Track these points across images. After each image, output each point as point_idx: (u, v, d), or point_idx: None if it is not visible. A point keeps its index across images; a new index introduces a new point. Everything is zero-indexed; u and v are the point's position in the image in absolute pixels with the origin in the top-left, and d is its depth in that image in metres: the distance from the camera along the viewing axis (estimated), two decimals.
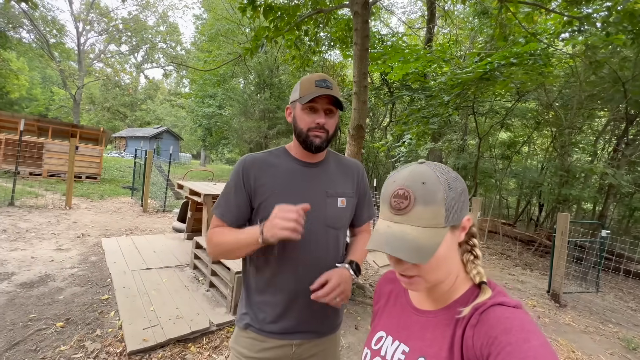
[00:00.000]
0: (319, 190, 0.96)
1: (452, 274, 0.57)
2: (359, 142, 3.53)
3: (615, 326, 3.64)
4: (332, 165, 1.03)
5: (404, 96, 9.04)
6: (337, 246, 0.99)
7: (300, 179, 0.96)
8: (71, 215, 5.73)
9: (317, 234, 0.94)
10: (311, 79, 0.92)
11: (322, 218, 0.95)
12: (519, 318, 0.47)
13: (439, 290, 0.58)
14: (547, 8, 3.63)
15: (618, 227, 9.86)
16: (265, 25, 3.43)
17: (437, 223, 0.51)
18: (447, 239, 0.52)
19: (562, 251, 4.10)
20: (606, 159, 7.87)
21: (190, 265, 3.62)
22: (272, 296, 0.95)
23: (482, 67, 4.33)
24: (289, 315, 0.94)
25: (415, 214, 0.51)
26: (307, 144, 0.93)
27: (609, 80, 6.36)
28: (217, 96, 17.91)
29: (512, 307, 0.50)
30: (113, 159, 18.58)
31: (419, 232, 0.51)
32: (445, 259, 0.53)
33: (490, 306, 0.51)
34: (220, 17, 16.73)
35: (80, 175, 9.64)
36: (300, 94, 0.93)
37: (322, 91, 0.89)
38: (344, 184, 1.01)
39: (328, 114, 0.94)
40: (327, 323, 1.00)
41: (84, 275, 3.21)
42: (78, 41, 26.24)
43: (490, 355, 0.45)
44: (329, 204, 0.96)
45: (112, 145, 31.24)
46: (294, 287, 0.93)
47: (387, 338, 0.64)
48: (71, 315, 2.44)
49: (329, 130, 0.94)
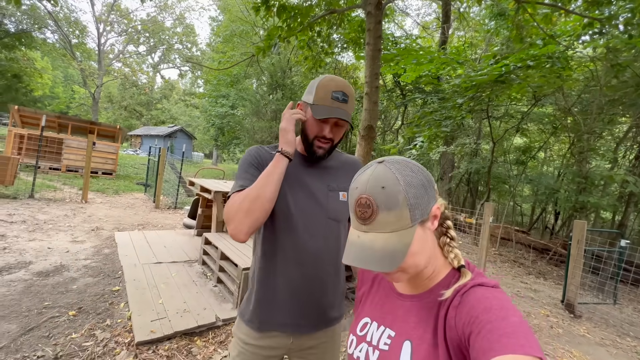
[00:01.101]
0: (322, 185, 0.98)
1: (432, 259, 0.58)
2: (370, 142, 3.52)
3: (633, 340, 3.49)
4: (334, 161, 1.05)
5: (416, 99, 8.96)
6: (337, 238, 1.00)
7: (305, 173, 0.98)
8: (87, 209, 5.91)
9: (318, 226, 0.95)
10: (328, 88, 0.90)
11: (325, 211, 0.96)
12: (497, 297, 0.49)
13: (421, 277, 0.59)
14: (566, 9, 3.53)
15: (639, 238, 9.47)
16: (279, 25, 3.46)
17: (403, 225, 0.51)
18: (417, 235, 0.53)
19: (578, 260, 3.96)
20: (627, 167, 7.57)
21: (199, 260, 3.67)
22: (273, 286, 0.96)
23: (497, 70, 4.25)
24: (288, 306, 0.95)
25: (380, 221, 0.52)
26: (311, 151, 0.96)
27: (632, 84, 6.13)
28: (230, 96, 18.17)
29: (491, 287, 0.52)
30: (128, 156, 19.08)
31: (387, 237, 0.51)
32: (422, 252, 0.54)
33: (470, 287, 0.52)
34: (235, 19, 17.01)
35: (97, 171, 9.93)
36: (314, 100, 0.91)
37: (336, 110, 0.89)
38: (344, 179, 1.02)
39: (337, 125, 0.94)
40: (327, 315, 1.00)
41: (96, 266, 3.29)
42: (99, 41, 27.15)
43: (472, 333, 0.47)
44: (331, 197, 0.98)
45: (127, 143, 32.09)
46: (296, 276, 0.94)
47: (372, 324, 0.65)
48: (83, 305, 2.51)
49: (335, 139, 0.96)
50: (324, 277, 0.97)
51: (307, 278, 0.94)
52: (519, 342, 0.42)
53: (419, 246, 0.54)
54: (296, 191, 0.94)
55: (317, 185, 0.98)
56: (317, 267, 0.95)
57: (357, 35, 5.54)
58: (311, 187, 0.97)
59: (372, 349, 0.61)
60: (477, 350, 0.44)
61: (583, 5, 3.54)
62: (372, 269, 0.51)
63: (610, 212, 8.85)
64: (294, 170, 0.97)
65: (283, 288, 0.95)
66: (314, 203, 0.95)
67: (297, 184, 0.96)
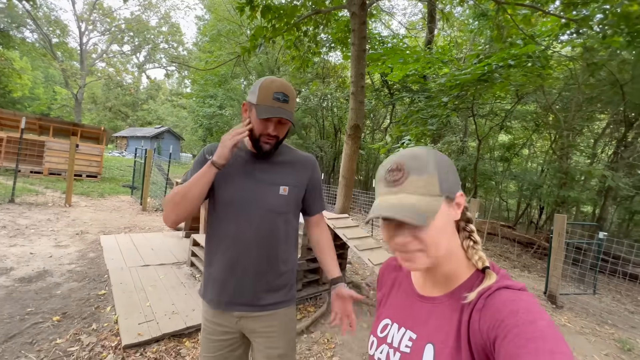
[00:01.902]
0: (265, 180, 1.06)
1: (453, 255, 0.57)
2: (356, 141, 3.56)
3: (611, 327, 3.64)
4: (284, 157, 1.12)
5: (404, 97, 9.07)
6: (277, 229, 1.07)
7: (250, 168, 1.07)
8: (71, 212, 5.76)
9: (254, 217, 1.03)
10: (270, 88, 0.97)
11: (263, 203, 1.04)
12: (524, 300, 0.47)
13: (441, 273, 0.58)
14: (544, 10, 3.65)
15: (618, 230, 9.84)
16: (264, 25, 3.46)
17: (432, 190, 0.52)
18: (443, 210, 0.52)
19: (559, 252, 4.10)
20: (605, 162, 7.87)
21: (188, 262, 3.64)
22: (214, 268, 1.06)
23: (480, 69, 4.35)
24: (227, 287, 1.04)
25: (410, 183, 0.52)
26: (257, 148, 1.04)
27: (607, 82, 6.37)
28: (218, 96, 17.97)
29: (517, 290, 0.50)
30: (114, 158, 18.65)
31: (416, 199, 0.51)
32: (444, 232, 0.53)
33: (495, 290, 0.50)
34: (221, 18, 16.82)
35: (81, 174, 9.68)
36: (257, 101, 0.97)
37: (277, 110, 0.96)
38: (290, 174, 1.10)
39: (280, 123, 1.01)
40: (267, 298, 1.07)
41: (81, 271, 3.23)
42: (80, 41, 26.41)
43: (497, 337, 0.45)
44: (270, 191, 1.05)
45: (113, 145, 31.36)
46: (230, 260, 1.03)
47: (392, 325, 0.64)
48: (68, 310, 2.46)
49: (280, 136, 1.04)
50: (257, 264, 1.04)
51: (240, 263, 1.03)
52: (548, 347, 0.40)
53: (443, 223, 0.52)
54: (241, 183, 1.04)
55: (261, 180, 1.06)
56: (250, 254, 1.03)
57: (344, 35, 5.57)
58: (256, 181, 1.05)
59: (392, 350, 0.60)
60: (503, 356, 0.42)
61: (560, 7, 3.67)
62: (400, 218, 0.49)
63: (590, 206, 9.18)
64: (241, 164, 1.06)
65: (220, 269, 1.05)
66: (254, 195, 1.04)
67: (244, 177, 1.05)
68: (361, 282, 3.91)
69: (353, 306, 1.16)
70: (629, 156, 6.59)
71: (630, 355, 2.98)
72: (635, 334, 3.55)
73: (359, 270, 4.43)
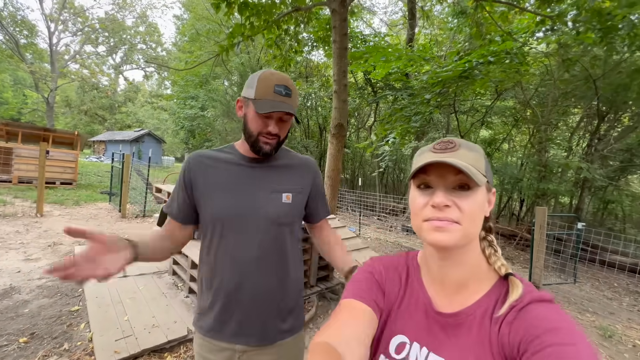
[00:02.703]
0: (265, 187, 0.93)
1: (475, 260, 0.53)
2: (341, 141, 3.50)
3: (592, 315, 3.75)
4: (282, 161, 0.99)
5: (387, 95, 9.12)
6: (284, 243, 0.93)
7: (246, 176, 0.93)
8: (42, 223, 5.44)
9: (258, 231, 0.90)
10: (270, 80, 0.85)
11: (265, 214, 0.90)
12: (565, 319, 0.44)
13: (461, 280, 0.54)
14: (520, 7, 3.71)
15: (593, 220, 10.26)
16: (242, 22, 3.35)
17: (479, 167, 0.51)
18: (483, 193, 0.51)
19: (541, 244, 4.20)
20: (580, 154, 8.17)
21: (169, 271, 3.49)
22: (214, 296, 0.92)
23: (461, 66, 4.39)
24: (229, 317, 0.90)
25: (461, 153, 0.51)
26: (256, 149, 0.90)
27: (581, 78, 6.60)
28: (200, 97, 17.57)
29: (551, 303, 0.47)
30: (91, 163, 17.89)
31: (468, 164, 0.49)
32: (481, 212, 0.51)
33: (528, 303, 0.47)
34: (200, 17, 16.44)
35: (54, 181, 9.20)
36: (255, 94, 0.85)
37: (279, 104, 0.84)
38: (291, 179, 0.97)
39: (281, 120, 0.89)
40: (274, 328, 0.93)
41: (52, 286, 3.03)
42: (50, 41, 25.21)
43: (527, 352, 0.42)
44: (273, 200, 0.92)
45: (90, 150, 30.14)
46: (235, 286, 0.89)
47: (412, 345, 0.55)
48: (36, 330, 2.28)
49: (281, 136, 0.91)
50: (265, 286, 0.90)
51: (245, 287, 0.89)
52: None
53: (482, 202, 0.51)
54: (237, 193, 0.91)
55: (259, 188, 0.92)
56: (256, 275, 0.89)
57: (326, 33, 5.51)
58: (252, 191, 0.92)
59: None
60: None
61: (536, 4, 3.74)
62: (463, 168, 0.47)
63: (568, 197, 9.53)
64: (234, 174, 0.93)
65: (221, 296, 0.90)
66: (253, 206, 0.90)
67: (240, 186, 0.91)
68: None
69: None
70: (603, 148, 6.86)
71: (612, 342, 3.06)
72: (614, 320, 3.67)
73: None
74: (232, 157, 0.95)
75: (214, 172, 0.92)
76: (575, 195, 8.38)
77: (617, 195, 8.63)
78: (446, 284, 0.55)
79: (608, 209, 9.92)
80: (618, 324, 3.53)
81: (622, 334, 3.25)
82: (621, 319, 3.75)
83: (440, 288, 0.56)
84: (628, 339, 3.17)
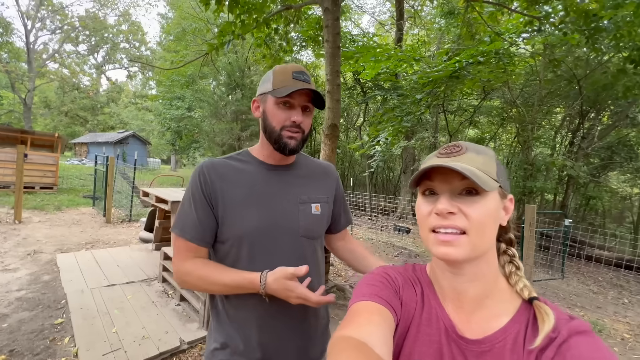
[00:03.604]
0: (291, 197, 0.84)
1: (494, 279, 0.49)
2: (334, 141, 3.46)
3: (581, 310, 3.84)
4: (304, 167, 0.91)
5: (376, 95, 9.15)
6: (315, 259, 0.86)
7: (269, 185, 0.84)
8: (21, 230, 5.18)
9: (290, 248, 0.82)
10: (287, 69, 0.80)
11: (296, 228, 0.82)
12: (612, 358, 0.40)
13: (481, 302, 0.49)
14: (509, 8, 3.76)
15: (576, 216, 10.59)
16: (232, 20, 3.26)
17: (489, 171, 0.47)
18: (496, 199, 0.47)
19: (531, 241, 4.27)
20: (564, 152, 8.41)
21: (159, 278, 3.36)
22: (243, 322, 0.82)
23: (451, 66, 4.42)
24: (261, 343, 0.81)
25: (468, 157, 0.47)
26: (280, 146, 0.81)
27: (565, 78, 6.79)
28: (186, 98, 17.22)
29: (594, 337, 0.42)
30: (73, 166, 17.26)
31: (476, 168, 0.46)
32: (492, 221, 0.46)
33: (568, 336, 0.42)
34: (186, 15, 16.11)
35: (34, 186, 8.82)
36: (273, 86, 0.80)
37: (302, 85, 0.78)
38: (317, 188, 0.90)
39: (305, 111, 0.82)
40: (313, 349, 0.86)
41: (33, 297, 2.86)
42: (27, 40, 24.19)
43: None
44: (302, 212, 0.84)
45: (72, 152, 29.12)
46: (266, 310, 0.80)
47: None
48: (16, 346, 2.14)
49: (305, 129, 0.83)
50: (300, 310, 0.81)
51: (279, 314, 0.80)
52: None
53: (493, 210, 0.46)
54: (258, 210, 0.80)
55: (284, 198, 0.83)
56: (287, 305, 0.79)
57: (315, 32, 5.47)
58: (277, 202, 0.82)
59: None
60: None
61: (523, 5, 3.80)
62: (466, 172, 0.43)
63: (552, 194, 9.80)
64: (256, 183, 0.83)
65: (252, 326, 0.81)
66: (282, 221, 0.81)
67: (260, 201, 0.81)
68: (344, 284, 3.83)
69: (340, 311, 1.02)
70: (587, 146, 7.07)
71: (602, 336, 3.13)
72: (602, 314, 3.77)
73: (342, 272, 4.35)
74: (250, 164, 0.86)
75: (232, 184, 0.82)
76: (559, 193, 8.61)
77: (598, 192, 8.93)
78: (463, 302, 0.50)
79: (589, 205, 10.26)
80: (606, 318, 3.62)
81: (610, 327, 3.34)
82: (608, 312, 3.85)
83: (457, 306, 0.51)
84: (616, 332, 3.25)
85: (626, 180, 9.87)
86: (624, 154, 7.78)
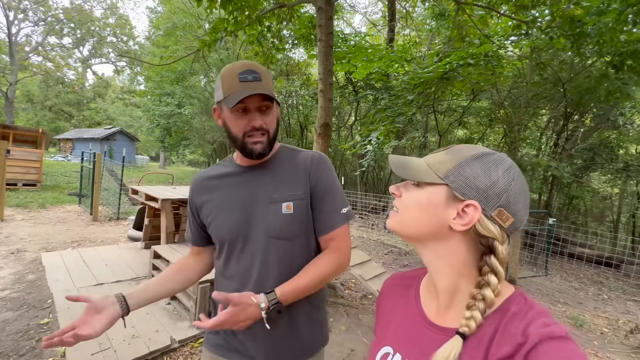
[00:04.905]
0: (261, 197, 0.83)
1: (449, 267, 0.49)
2: (326, 140, 3.48)
3: (563, 306, 3.98)
4: (283, 163, 0.88)
5: (367, 95, 9.20)
6: (289, 260, 0.83)
7: (243, 189, 0.85)
8: (3, 228, 5.03)
9: (262, 249, 0.82)
10: (233, 71, 0.76)
11: (265, 229, 0.81)
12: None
13: (447, 288, 0.50)
14: (498, 11, 3.85)
15: (559, 215, 10.92)
16: (225, 17, 3.23)
17: (439, 169, 0.50)
18: (435, 195, 0.49)
19: (516, 239, 4.40)
20: (549, 153, 8.65)
21: (148, 276, 3.33)
22: None
23: (442, 67, 4.50)
24: (237, 338, 0.86)
25: (433, 156, 0.53)
26: (247, 152, 0.81)
27: (551, 81, 6.98)
28: (176, 94, 16.94)
29: (567, 342, 0.40)
30: (57, 163, 16.77)
31: (424, 165, 0.52)
32: (420, 215, 0.50)
33: (537, 342, 0.40)
34: (177, 10, 15.84)
35: (16, 183, 8.55)
36: (224, 93, 0.77)
37: (249, 90, 0.74)
38: (293, 184, 0.84)
39: (264, 111, 0.79)
40: (290, 352, 0.85)
41: (17, 297, 2.79)
42: (9, 31, 23.32)
43: None
44: (272, 212, 0.82)
45: (56, 148, 28.29)
46: None
47: (394, 356, 0.53)
48: (0, 347, 2.09)
49: (270, 129, 0.81)
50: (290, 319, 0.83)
51: None
52: None
53: (426, 206, 0.50)
54: (232, 214, 0.84)
55: (256, 200, 0.83)
56: None
57: (308, 31, 5.47)
58: (249, 204, 0.83)
59: None
60: None
61: (512, 9, 3.90)
62: (393, 167, 0.54)
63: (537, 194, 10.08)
64: (228, 188, 0.86)
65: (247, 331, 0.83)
66: (253, 223, 0.82)
67: (232, 205, 0.84)
68: (335, 281, 3.86)
69: (330, 308, 1.07)
70: (571, 147, 7.29)
71: (582, 331, 3.26)
72: (583, 309, 3.92)
73: None
74: (228, 170, 0.89)
75: (211, 192, 0.89)
76: (544, 192, 8.87)
77: (580, 191, 9.24)
78: (438, 294, 0.52)
79: (572, 204, 10.59)
80: (586, 313, 3.77)
81: (590, 322, 3.47)
82: (588, 307, 4.00)
83: (435, 298, 0.53)
84: (596, 327, 3.39)
85: (607, 181, 10.23)
86: (605, 155, 8.07)
